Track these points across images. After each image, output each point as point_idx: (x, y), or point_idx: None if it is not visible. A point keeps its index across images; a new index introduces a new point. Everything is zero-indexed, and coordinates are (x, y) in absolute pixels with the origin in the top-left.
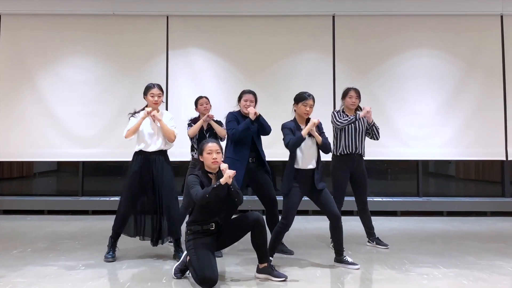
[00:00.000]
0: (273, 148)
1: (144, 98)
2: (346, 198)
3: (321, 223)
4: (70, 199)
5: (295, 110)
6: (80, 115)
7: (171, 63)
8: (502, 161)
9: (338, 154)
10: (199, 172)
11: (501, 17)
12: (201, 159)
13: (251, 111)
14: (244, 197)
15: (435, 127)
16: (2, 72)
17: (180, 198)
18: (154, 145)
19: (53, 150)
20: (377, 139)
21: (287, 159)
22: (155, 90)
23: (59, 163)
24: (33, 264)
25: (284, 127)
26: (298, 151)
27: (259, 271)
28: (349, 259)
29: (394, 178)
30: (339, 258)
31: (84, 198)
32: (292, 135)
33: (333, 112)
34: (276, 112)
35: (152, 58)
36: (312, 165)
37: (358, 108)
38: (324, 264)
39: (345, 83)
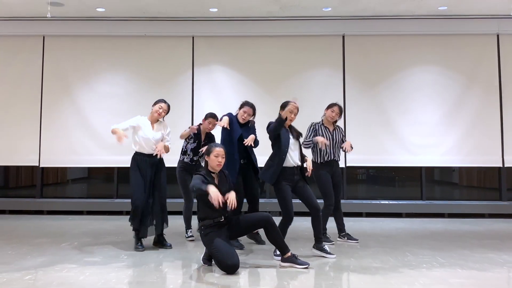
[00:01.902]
0: None
1: (152, 108)
2: (357, 202)
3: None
4: (107, 201)
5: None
6: (114, 124)
7: (196, 78)
8: (499, 167)
9: (319, 162)
10: (203, 172)
11: (497, 36)
12: (207, 159)
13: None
14: (261, 200)
15: (437, 136)
16: (45, 88)
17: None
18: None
19: (90, 157)
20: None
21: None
22: (162, 104)
23: (90, 171)
24: (82, 254)
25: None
26: (287, 151)
27: (284, 260)
28: (327, 248)
29: (401, 185)
30: (319, 245)
31: (118, 200)
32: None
33: (312, 124)
34: None
35: (179, 74)
36: (297, 162)
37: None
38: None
39: (355, 96)
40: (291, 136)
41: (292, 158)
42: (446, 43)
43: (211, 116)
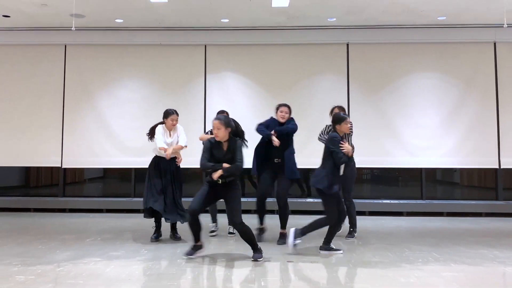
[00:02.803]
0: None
1: (164, 120)
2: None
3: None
4: (125, 200)
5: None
6: (131, 129)
7: (208, 84)
8: (496, 169)
9: None
10: (213, 139)
11: (494, 44)
12: None
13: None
14: (270, 200)
15: (436, 138)
16: (67, 94)
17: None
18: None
19: (109, 159)
20: None
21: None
22: (175, 116)
23: (105, 171)
24: (105, 249)
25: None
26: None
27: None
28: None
29: (404, 184)
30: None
31: (136, 199)
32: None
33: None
34: (298, 124)
35: (192, 80)
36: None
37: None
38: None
39: (358, 100)
40: None
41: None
42: (445, 50)
43: (220, 113)
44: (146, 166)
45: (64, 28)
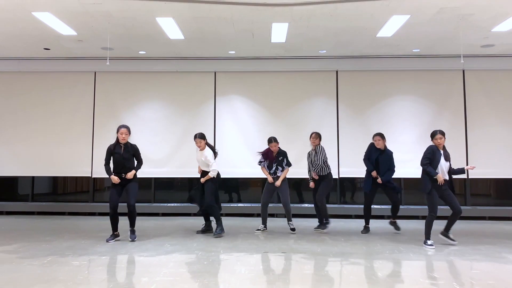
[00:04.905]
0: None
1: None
2: (349, 206)
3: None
4: (146, 205)
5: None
6: (151, 143)
7: (218, 105)
8: (464, 178)
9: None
10: (114, 143)
11: (463, 71)
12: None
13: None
14: (270, 205)
15: (413, 152)
16: (97, 114)
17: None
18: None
19: None
20: None
21: (300, 176)
22: (196, 140)
23: None
24: (136, 243)
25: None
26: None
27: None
28: (451, 236)
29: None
30: (445, 233)
31: (155, 204)
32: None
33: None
34: (294, 139)
35: (204, 102)
36: (445, 177)
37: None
38: (338, 249)
39: (346, 119)
40: (442, 158)
41: (444, 175)
42: (421, 77)
43: (270, 141)
44: (165, 176)
45: (94, 57)
